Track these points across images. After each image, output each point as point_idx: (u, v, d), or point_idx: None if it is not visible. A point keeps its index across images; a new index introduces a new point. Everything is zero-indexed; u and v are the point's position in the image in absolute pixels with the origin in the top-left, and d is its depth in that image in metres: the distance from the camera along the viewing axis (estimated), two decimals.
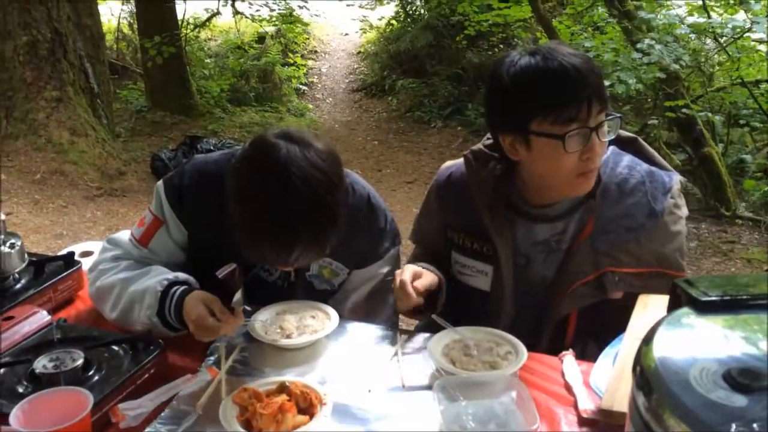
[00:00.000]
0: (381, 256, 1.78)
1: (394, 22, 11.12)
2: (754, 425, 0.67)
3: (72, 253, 1.88)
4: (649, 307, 1.47)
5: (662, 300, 1.08)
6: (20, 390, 1.35)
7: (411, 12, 10.87)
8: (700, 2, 5.73)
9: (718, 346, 0.81)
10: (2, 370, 1.42)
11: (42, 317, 1.61)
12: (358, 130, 8.86)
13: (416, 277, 1.57)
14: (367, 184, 1.80)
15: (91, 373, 1.40)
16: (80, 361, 1.39)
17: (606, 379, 1.33)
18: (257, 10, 9.88)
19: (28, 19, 6.13)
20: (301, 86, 10.38)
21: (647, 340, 0.84)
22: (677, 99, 5.54)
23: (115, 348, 1.49)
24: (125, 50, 10.69)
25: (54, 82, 6.28)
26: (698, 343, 0.83)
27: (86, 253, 2.05)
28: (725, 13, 5.73)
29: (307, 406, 1.30)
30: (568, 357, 1.50)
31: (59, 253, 1.94)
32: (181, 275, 1.60)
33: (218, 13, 9.45)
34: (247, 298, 1.65)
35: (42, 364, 1.39)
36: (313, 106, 9.99)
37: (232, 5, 9.51)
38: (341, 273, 1.76)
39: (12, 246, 1.73)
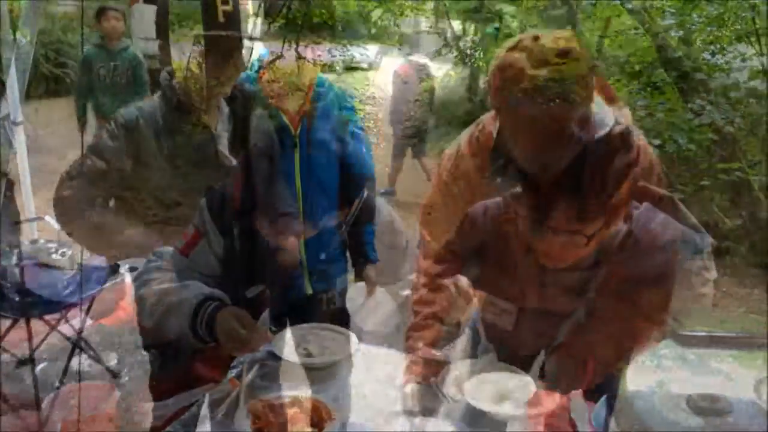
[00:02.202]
0: (400, 278, 1.86)
1: (452, 73, 11.32)
2: None
3: (117, 266, 2.01)
4: None
5: None
6: None
7: (470, 64, 11.04)
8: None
9: (688, 375, 0.85)
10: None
11: None
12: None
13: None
14: (392, 211, 1.90)
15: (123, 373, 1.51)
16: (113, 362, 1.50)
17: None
18: (318, 55, 10.23)
19: None
20: (356, 130, 10.58)
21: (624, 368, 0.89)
22: (732, 162, 5.45)
23: (146, 353, 1.59)
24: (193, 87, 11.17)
25: None
26: (670, 372, 0.87)
27: (133, 269, 2.17)
28: None
29: (317, 420, 1.37)
30: (577, 396, 1.52)
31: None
32: (217, 292, 1.69)
33: (281, 56, 9.81)
34: (273, 317, 1.74)
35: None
36: None
37: (296, 50, 9.87)
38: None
39: (63, 255, 1.87)
